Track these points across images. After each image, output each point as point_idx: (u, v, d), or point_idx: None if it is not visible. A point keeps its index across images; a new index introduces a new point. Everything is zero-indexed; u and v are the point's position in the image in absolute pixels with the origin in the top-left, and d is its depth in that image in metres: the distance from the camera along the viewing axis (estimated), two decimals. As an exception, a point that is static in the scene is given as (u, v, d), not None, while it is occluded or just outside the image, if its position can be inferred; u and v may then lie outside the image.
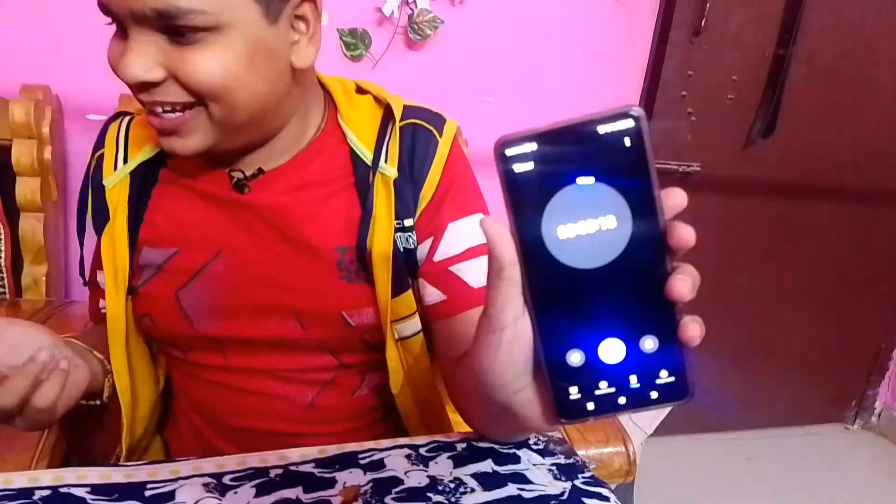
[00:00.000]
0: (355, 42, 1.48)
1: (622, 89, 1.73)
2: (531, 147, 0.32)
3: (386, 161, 0.68)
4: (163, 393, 0.79)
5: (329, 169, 0.69)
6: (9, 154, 1.20)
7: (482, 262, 0.67)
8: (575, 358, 0.34)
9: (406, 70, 1.55)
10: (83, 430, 0.83)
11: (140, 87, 0.57)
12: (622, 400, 0.34)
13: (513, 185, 0.33)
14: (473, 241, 0.68)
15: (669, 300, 0.33)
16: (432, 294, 0.68)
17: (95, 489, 0.51)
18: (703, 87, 1.71)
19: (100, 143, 0.73)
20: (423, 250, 0.69)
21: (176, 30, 0.54)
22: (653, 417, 1.45)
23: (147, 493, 0.51)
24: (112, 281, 0.69)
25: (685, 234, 0.33)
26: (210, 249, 0.68)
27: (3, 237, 1.23)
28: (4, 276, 1.25)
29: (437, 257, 0.68)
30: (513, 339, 0.36)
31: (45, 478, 0.52)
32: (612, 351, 0.34)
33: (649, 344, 0.34)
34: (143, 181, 0.71)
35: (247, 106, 0.60)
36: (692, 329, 0.33)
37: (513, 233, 0.34)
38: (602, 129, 0.32)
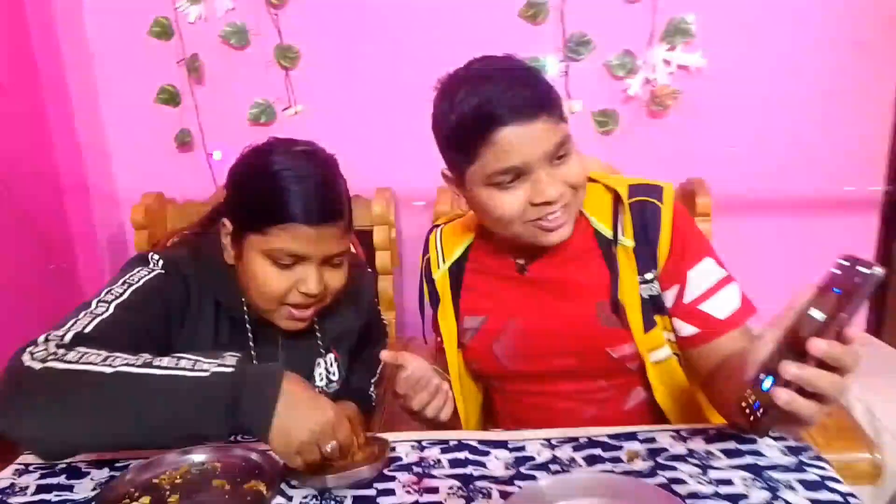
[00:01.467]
0: (606, 120, 1.80)
1: (865, 133, 1.77)
2: (846, 264, 0.60)
3: (623, 235, 0.92)
4: (483, 407, 1.13)
5: (580, 245, 0.95)
6: (371, 236, 1.75)
7: (722, 295, 0.90)
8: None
9: (650, 136, 1.81)
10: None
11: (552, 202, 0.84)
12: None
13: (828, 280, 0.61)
14: (711, 281, 0.90)
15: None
16: (687, 329, 0.92)
17: (481, 442, 0.87)
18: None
19: (426, 250, 1.10)
20: (669, 296, 0.93)
21: (559, 155, 0.84)
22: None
23: (510, 445, 0.85)
24: (447, 340, 1.05)
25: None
26: (508, 314, 1.00)
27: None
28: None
29: (687, 299, 0.91)
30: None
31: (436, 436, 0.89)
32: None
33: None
34: (457, 272, 1.05)
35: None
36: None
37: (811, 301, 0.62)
38: (860, 269, 0.58)
